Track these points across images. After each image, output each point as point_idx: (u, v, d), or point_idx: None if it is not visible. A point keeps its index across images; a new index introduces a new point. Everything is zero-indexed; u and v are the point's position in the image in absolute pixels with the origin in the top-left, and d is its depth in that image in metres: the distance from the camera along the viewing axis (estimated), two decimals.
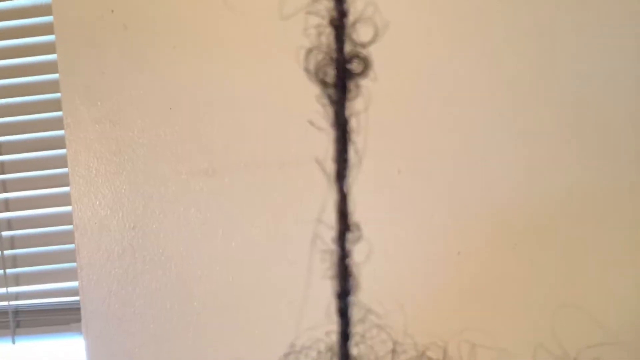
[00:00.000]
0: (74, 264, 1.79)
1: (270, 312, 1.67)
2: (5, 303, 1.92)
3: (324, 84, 0.50)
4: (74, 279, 1.82)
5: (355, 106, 0.50)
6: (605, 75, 1.63)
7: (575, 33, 1.64)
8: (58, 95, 1.77)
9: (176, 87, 1.71)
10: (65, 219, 1.87)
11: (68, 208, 1.79)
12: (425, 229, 1.65)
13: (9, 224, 1.93)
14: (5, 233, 1.92)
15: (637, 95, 1.62)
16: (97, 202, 1.72)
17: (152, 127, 1.71)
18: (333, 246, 0.51)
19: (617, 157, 1.62)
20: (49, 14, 1.82)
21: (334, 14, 0.51)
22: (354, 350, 0.53)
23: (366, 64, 0.50)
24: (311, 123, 0.55)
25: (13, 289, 1.93)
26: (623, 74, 1.63)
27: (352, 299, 0.51)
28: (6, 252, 1.91)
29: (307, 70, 0.50)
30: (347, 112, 0.50)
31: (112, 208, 1.71)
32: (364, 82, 0.50)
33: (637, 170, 1.62)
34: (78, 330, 1.82)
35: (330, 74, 0.50)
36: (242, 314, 1.68)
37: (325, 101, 0.50)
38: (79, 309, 1.74)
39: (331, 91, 0.50)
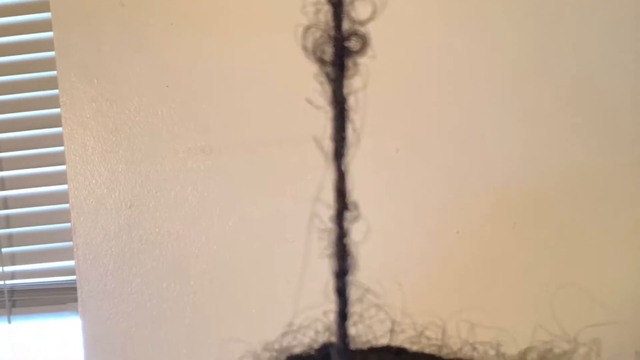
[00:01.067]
0: (70, 243, 1.78)
1: (268, 291, 1.67)
2: (0, 282, 1.91)
3: (321, 62, 0.49)
4: (70, 258, 1.81)
5: (354, 84, 0.49)
6: (604, 55, 1.63)
7: (574, 12, 1.63)
8: (54, 73, 1.76)
9: (173, 65, 1.70)
10: (61, 197, 1.86)
11: (64, 187, 1.78)
12: (424, 207, 1.64)
13: (5, 203, 1.92)
14: (0, 212, 1.91)
15: (636, 75, 1.62)
16: (94, 181, 1.71)
17: (148, 105, 1.70)
18: (331, 225, 0.51)
19: (616, 136, 1.62)
20: None
21: None
22: (352, 330, 0.52)
23: (364, 41, 0.49)
24: (309, 101, 0.54)
25: (9, 268, 1.92)
26: (622, 53, 1.62)
27: (350, 278, 0.50)
28: (2, 230, 1.91)
29: (304, 48, 0.49)
30: (345, 90, 0.49)
31: (109, 187, 1.71)
32: (362, 60, 0.49)
33: (636, 148, 1.61)
34: (74, 310, 1.81)
35: (328, 51, 0.49)
36: (239, 293, 1.68)
37: (323, 79, 0.49)
38: (75, 288, 1.74)
39: (329, 69, 0.49)
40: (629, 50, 1.62)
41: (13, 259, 1.92)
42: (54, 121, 1.84)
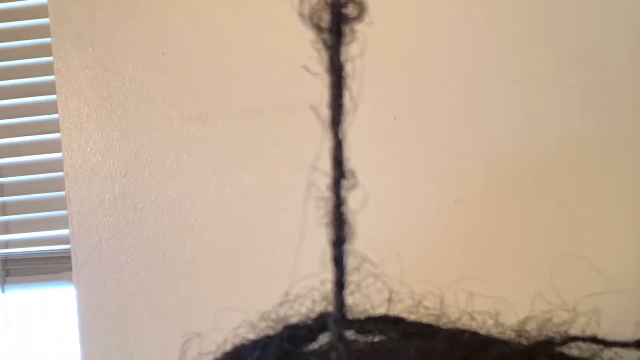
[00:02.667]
0: (64, 212, 1.77)
1: (264, 260, 1.66)
2: None
3: (318, 28, 0.48)
4: (65, 226, 1.80)
5: (351, 51, 0.48)
6: (604, 22, 1.61)
7: None
8: (48, 40, 1.75)
9: (169, 32, 1.69)
10: (56, 165, 1.85)
11: (58, 155, 1.77)
12: (422, 176, 1.63)
13: None
14: None
15: (637, 42, 1.61)
16: (88, 149, 1.70)
17: (144, 72, 1.69)
18: (328, 193, 0.50)
19: (616, 103, 1.61)
20: None
21: None
22: (349, 300, 0.52)
23: (362, 8, 0.48)
24: (306, 68, 0.53)
25: (3, 237, 1.91)
26: (622, 20, 1.61)
27: (348, 247, 0.50)
28: None
29: (301, 14, 0.48)
30: (343, 58, 0.48)
31: (104, 155, 1.70)
32: (360, 27, 0.48)
33: (636, 116, 1.60)
34: (69, 279, 1.81)
35: (325, 18, 0.48)
36: (236, 263, 1.68)
37: (320, 46, 0.48)
38: (69, 257, 1.73)
39: (326, 36, 0.48)
40: (630, 16, 1.61)
41: (7, 228, 1.91)
42: (48, 88, 1.83)
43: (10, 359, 2.06)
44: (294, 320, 0.65)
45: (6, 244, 1.92)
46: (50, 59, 1.75)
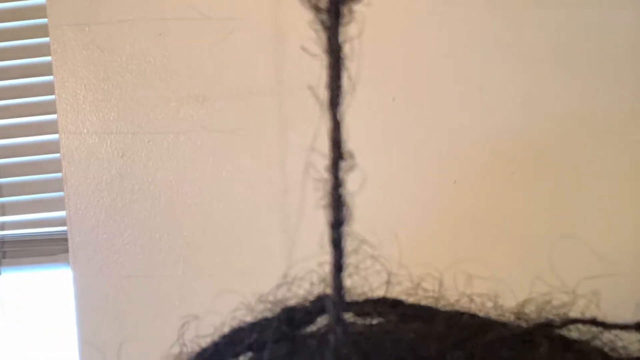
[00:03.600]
0: (61, 193, 1.77)
1: (262, 242, 1.66)
2: None
3: (316, 9, 0.47)
4: (61, 208, 1.80)
5: (349, 32, 0.48)
6: (603, 3, 1.61)
7: None
8: (45, 20, 1.74)
9: (166, 13, 1.68)
10: (52, 147, 1.85)
11: (55, 136, 1.77)
12: (420, 157, 1.63)
13: None
14: None
15: (636, 21, 1.60)
16: (85, 130, 1.69)
17: (141, 53, 1.69)
18: (326, 175, 0.49)
19: (615, 84, 1.60)
20: None
21: None
22: (347, 282, 0.51)
23: None
24: (304, 49, 0.52)
25: None
26: (621, 2, 1.61)
27: (346, 229, 0.49)
28: None
29: None
30: (341, 38, 0.47)
31: (100, 136, 1.69)
32: (358, 7, 0.48)
33: (635, 97, 1.60)
34: (65, 261, 1.81)
35: None
36: (233, 244, 1.67)
37: (318, 27, 0.47)
38: (66, 239, 1.73)
39: (324, 17, 0.47)
40: None
41: (3, 210, 1.91)
42: (45, 69, 1.82)
43: (6, 341, 2.06)
44: (291, 302, 0.65)
45: (2, 226, 1.91)
46: (46, 39, 1.74)
